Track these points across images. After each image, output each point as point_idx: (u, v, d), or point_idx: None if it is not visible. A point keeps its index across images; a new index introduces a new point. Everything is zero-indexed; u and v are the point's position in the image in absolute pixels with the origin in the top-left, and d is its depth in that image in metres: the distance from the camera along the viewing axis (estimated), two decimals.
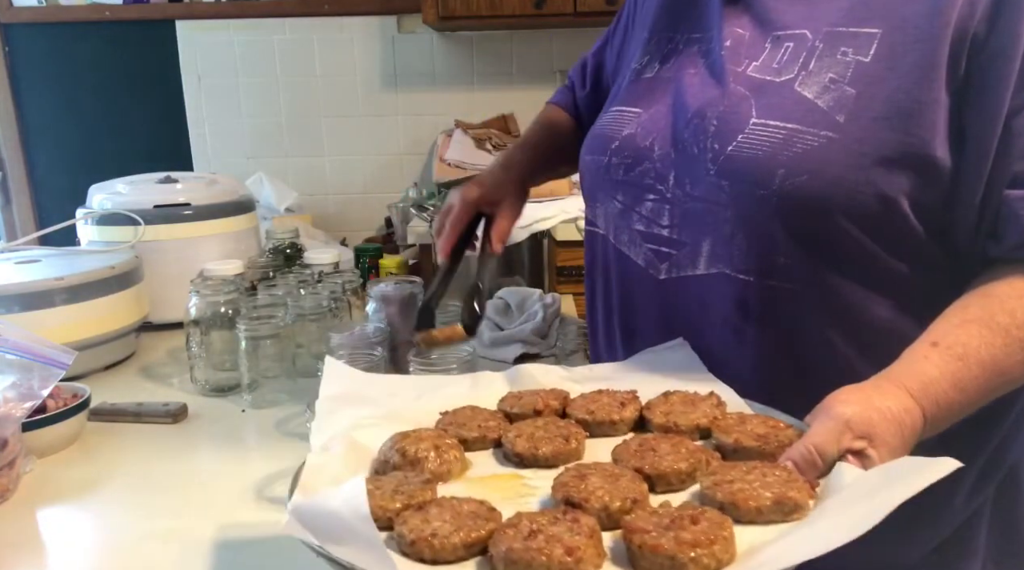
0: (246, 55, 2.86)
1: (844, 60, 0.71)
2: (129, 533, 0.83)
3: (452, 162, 2.61)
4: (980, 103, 0.67)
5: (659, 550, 0.48)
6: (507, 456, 0.66)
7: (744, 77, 0.77)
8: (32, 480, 0.93)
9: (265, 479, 0.91)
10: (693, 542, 0.48)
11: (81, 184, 1.64)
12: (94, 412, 1.07)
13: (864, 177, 0.68)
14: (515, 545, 0.49)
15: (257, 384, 1.13)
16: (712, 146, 0.76)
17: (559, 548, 0.48)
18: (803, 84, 0.73)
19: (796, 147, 0.70)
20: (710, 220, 0.76)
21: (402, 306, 1.13)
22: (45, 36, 2.83)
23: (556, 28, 2.77)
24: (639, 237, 0.84)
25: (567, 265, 2.29)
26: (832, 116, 0.70)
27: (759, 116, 0.74)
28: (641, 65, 0.91)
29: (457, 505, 0.56)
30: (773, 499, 0.53)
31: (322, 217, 2.81)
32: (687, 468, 0.59)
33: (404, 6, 2.76)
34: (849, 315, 0.73)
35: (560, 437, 0.65)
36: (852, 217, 0.69)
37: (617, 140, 0.87)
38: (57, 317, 1.20)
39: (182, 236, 1.49)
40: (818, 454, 0.56)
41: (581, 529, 0.50)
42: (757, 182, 0.72)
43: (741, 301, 0.76)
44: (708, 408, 0.68)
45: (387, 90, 2.89)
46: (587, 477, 0.57)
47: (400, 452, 0.63)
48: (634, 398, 0.71)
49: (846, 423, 0.56)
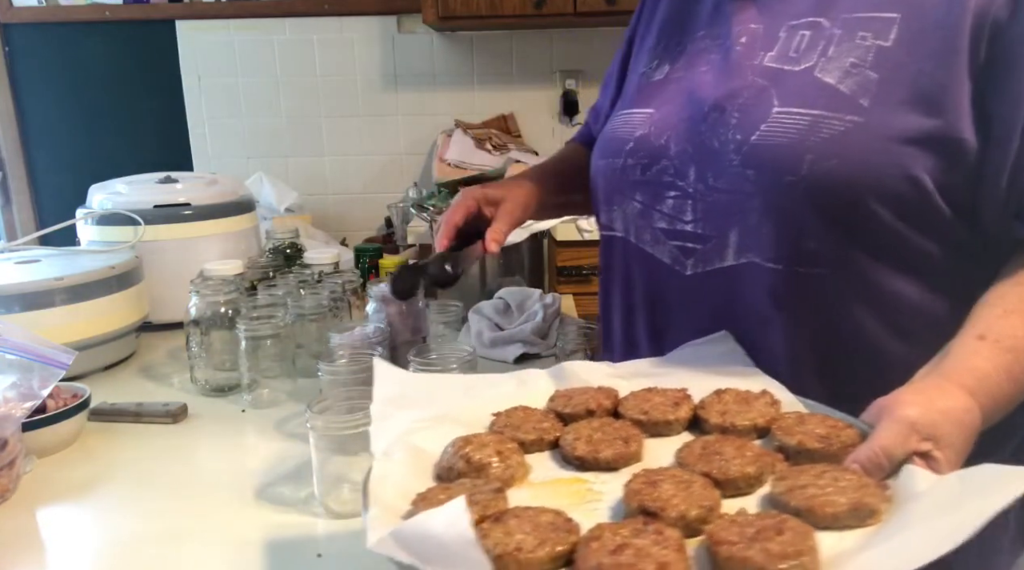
0: (246, 55, 2.86)
1: (864, 45, 0.72)
2: (129, 533, 0.83)
3: (452, 162, 2.61)
4: (1004, 87, 0.68)
5: (749, 563, 0.48)
6: (566, 459, 0.66)
7: (761, 68, 0.78)
8: (32, 480, 0.93)
9: (265, 479, 0.91)
10: (782, 554, 0.48)
11: (81, 184, 1.64)
12: (94, 412, 1.07)
13: (892, 159, 0.69)
14: (604, 560, 0.49)
15: (257, 384, 1.12)
16: (734, 137, 0.76)
17: (651, 564, 0.48)
18: (823, 70, 0.73)
19: (823, 132, 0.71)
20: (736, 210, 0.77)
21: (402, 306, 1.13)
22: (45, 36, 2.83)
23: (556, 28, 2.77)
24: (662, 235, 0.84)
25: (567, 265, 2.29)
26: (856, 100, 0.71)
27: (781, 104, 0.74)
28: (650, 69, 0.91)
29: (535, 515, 0.55)
30: (850, 505, 0.52)
31: (322, 217, 2.81)
32: (755, 472, 0.59)
33: (404, 6, 2.76)
34: (880, 297, 0.74)
35: (619, 439, 0.65)
36: (881, 199, 0.70)
37: (631, 141, 0.87)
38: (57, 317, 1.20)
39: (182, 236, 1.49)
40: (885, 457, 0.56)
41: (668, 542, 0.50)
42: (785, 169, 0.72)
43: (772, 289, 0.76)
44: (763, 407, 0.68)
45: (387, 90, 2.89)
46: (658, 484, 0.57)
47: (465, 459, 0.63)
48: (686, 397, 0.71)
49: (911, 425, 0.57)
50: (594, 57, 2.80)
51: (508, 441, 0.66)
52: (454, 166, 2.60)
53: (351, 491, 0.84)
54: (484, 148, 2.65)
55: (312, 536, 0.80)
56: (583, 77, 2.83)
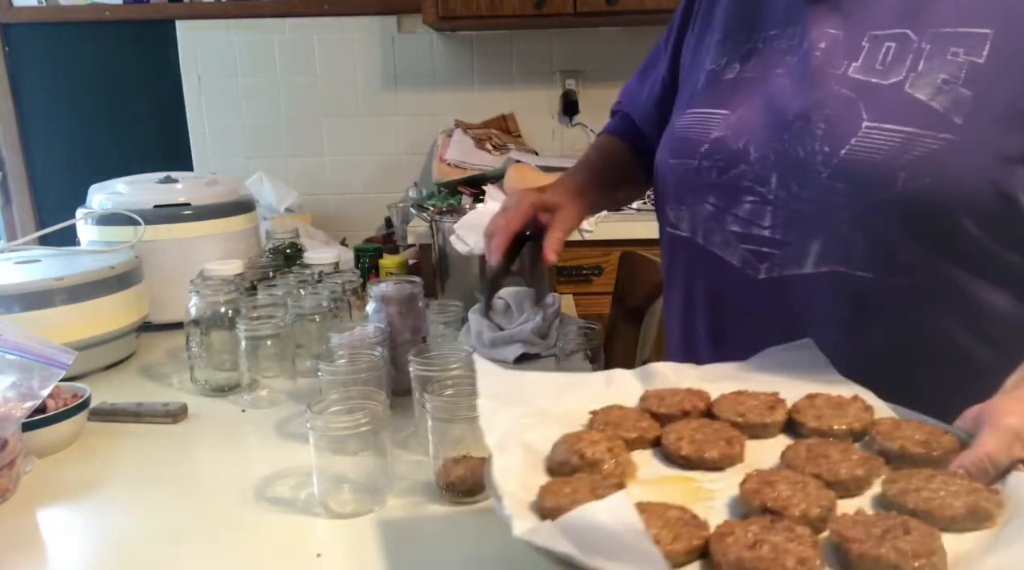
0: (246, 55, 2.86)
1: (956, 61, 0.72)
2: (129, 533, 0.83)
3: (452, 162, 2.61)
4: None
5: (882, 560, 0.49)
6: (669, 458, 0.67)
7: (847, 79, 0.77)
8: (32, 480, 0.93)
9: (265, 479, 0.91)
10: (914, 552, 0.49)
11: (81, 184, 1.64)
12: (94, 412, 1.07)
13: (986, 177, 0.70)
14: (745, 554, 0.51)
15: (257, 384, 1.12)
16: (822, 149, 0.77)
17: (791, 559, 0.50)
18: (914, 86, 0.73)
19: (916, 151, 0.72)
20: (822, 220, 0.77)
21: (402, 306, 1.13)
22: (45, 36, 2.83)
23: (556, 28, 2.77)
24: (734, 238, 0.85)
25: (567, 265, 2.29)
26: (949, 118, 0.71)
27: (871, 119, 0.74)
28: (719, 66, 0.90)
29: (662, 511, 0.56)
30: (966, 508, 0.54)
31: (322, 217, 2.81)
32: (864, 475, 0.60)
33: (404, 6, 2.76)
34: (968, 305, 0.75)
35: (722, 440, 0.67)
36: (972, 215, 0.71)
37: (706, 143, 0.87)
38: (57, 317, 1.20)
39: (182, 236, 1.49)
40: (991, 463, 0.58)
41: (802, 539, 0.52)
42: (878, 185, 0.73)
43: (858, 297, 0.77)
44: (857, 412, 0.69)
45: (387, 90, 2.89)
46: (774, 484, 0.58)
47: (579, 454, 0.64)
48: (780, 401, 0.72)
49: (1016, 434, 0.58)
50: (594, 57, 2.80)
51: (615, 439, 0.67)
52: (454, 166, 2.60)
53: (351, 491, 0.84)
54: (484, 148, 2.65)
55: (312, 536, 0.80)
56: (583, 77, 2.83)
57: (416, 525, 0.81)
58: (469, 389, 0.85)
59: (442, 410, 0.82)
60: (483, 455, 0.85)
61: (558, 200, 0.92)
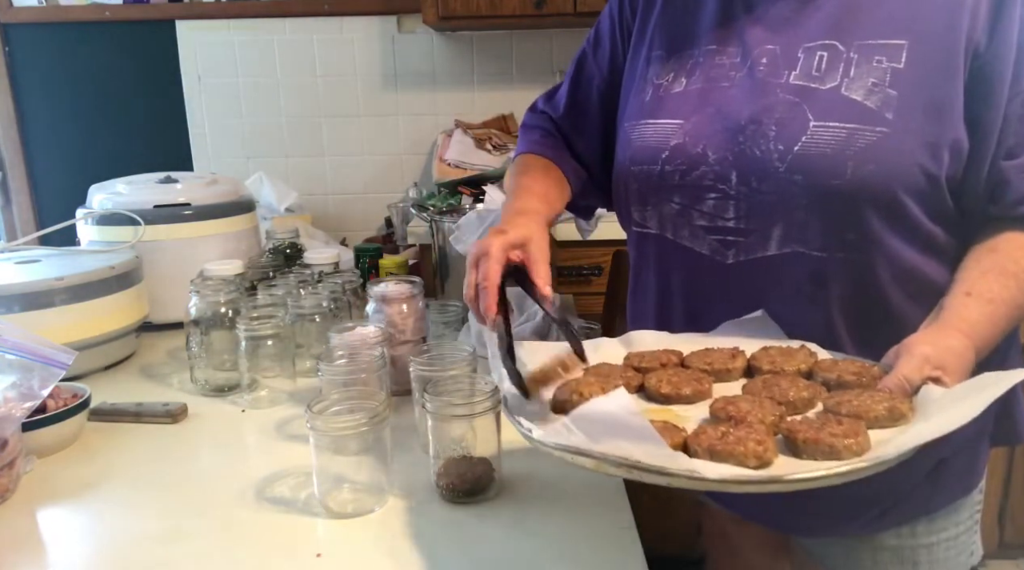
0: (246, 55, 2.86)
1: (881, 67, 0.86)
2: (129, 533, 0.83)
3: (452, 162, 2.61)
4: (985, 97, 0.84)
5: (821, 442, 0.65)
6: (651, 397, 0.81)
7: (789, 86, 0.90)
8: (32, 480, 0.93)
9: (265, 479, 0.91)
10: (844, 434, 0.65)
11: (81, 184, 1.64)
12: (94, 412, 1.07)
13: (915, 160, 0.84)
14: (715, 442, 0.66)
15: (257, 384, 1.13)
16: (776, 147, 0.88)
17: (751, 442, 0.65)
18: (849, 89, 0.86)
19: (859, 143, 0.85)
20: (781, 209, 0.89)
21: (402, 306, 1.13)
22: (45, 36, 2.83)
23: (556, 28, 2.77)
24: (702, 230, 0.95)
25: (567, 265, 2.29)
26: (882, 114, 0.85)
27: (817, 119, 0.87)
28: (667, 81, 1.00)
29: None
30: (887, 410, 0.69)
31: (322, 217, 2.81)
32: (809, 396, 0.76)
33: (404, 6, 2.76)
34: (906, 275, 0.88)
35: (694, 380, 0.80)
36: (909, 193, 0.85)
37: (666, 150, 0.96)
38: (57, 317, 1.20)
39: (182, 236, 1.49)
40: (907, 381, 0.72)
41: (759, 431, 0.67)
42: (831, 174, 0.85)
43: (816, 273, 0.89)
44: (804, 356, 0.83)
45: (387, 90, 2.89)
46: (736, 403, 0.73)
47: (577, 393, 0.76)
48: (740, 352, 0.86)
49: (926, 358, 0.73)
50: None
51: (606, 382, 0.79)
52: (454, 166, 2.60)
53: (351, 491, 0.84)
54: (484, 148, 2.65)
55: (312, 536, 0.80)
56: None
57: (416, 525, 0.81)
58: (469, 389, 0.86)
59: (442, 410, 0.83)
60: (483, 455, 0.85)
61: (526, 234, 0.92)
